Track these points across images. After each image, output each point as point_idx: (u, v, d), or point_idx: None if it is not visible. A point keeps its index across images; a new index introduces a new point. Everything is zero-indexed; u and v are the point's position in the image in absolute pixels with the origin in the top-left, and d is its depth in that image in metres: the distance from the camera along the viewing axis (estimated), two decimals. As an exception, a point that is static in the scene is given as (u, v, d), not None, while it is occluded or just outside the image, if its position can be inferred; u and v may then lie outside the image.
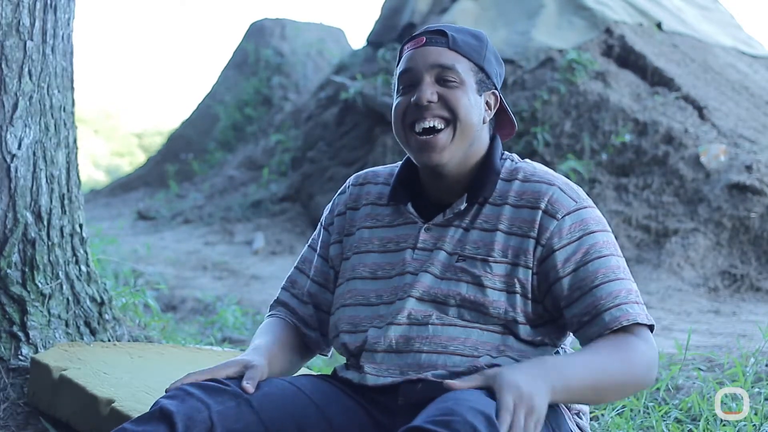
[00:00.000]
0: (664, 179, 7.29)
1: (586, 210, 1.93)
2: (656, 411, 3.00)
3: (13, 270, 2.91)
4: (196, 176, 11.94)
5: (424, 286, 1.94)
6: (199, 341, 4.33)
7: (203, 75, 36.25)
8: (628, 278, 1.90)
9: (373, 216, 2.07)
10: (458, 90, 1.93)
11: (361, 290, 2.03)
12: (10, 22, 2.87)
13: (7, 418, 2.74)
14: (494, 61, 2.02)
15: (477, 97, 1.96)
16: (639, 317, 1.85)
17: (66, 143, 3.07)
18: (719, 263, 6.53)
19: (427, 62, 1.94)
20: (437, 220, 1.97)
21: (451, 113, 1.93)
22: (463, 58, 1.95)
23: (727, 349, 3.91)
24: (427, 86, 1.93)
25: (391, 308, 1.96)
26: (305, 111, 11.07)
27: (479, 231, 1.94)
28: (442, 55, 1.95)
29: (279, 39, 13.75)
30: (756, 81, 9.03)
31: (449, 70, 1.94)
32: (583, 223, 1.91)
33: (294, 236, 8.63)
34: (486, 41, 2.01)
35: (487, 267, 1.91)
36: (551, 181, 1.94)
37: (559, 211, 1.90)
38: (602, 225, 1.93)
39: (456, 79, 1.94)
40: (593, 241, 1.89)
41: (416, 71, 1.95)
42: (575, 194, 1.94)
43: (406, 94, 1.97)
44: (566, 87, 8.09)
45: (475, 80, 1.96)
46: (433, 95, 1.92)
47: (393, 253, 2.01)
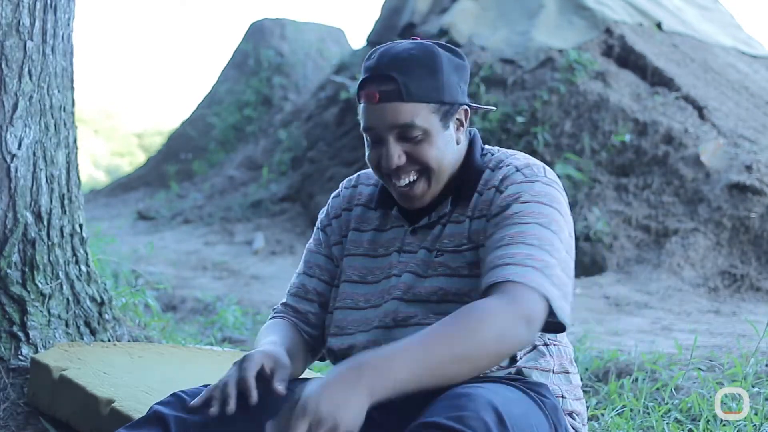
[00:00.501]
0: (664, 179, 7.29)
1: (532, 184, 1.88)
2: (656, 411, 3.00)
3: (13, 270, 2.91)
4: (196, 176, 11.94)
5: (407, 286, 1.95)
6: (199, 341, 4.33)
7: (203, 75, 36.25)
8: (539, 246, 1.80)
9: (363, 219, 2.09)
10: (424, 143, 1.90)
11: (350, 293, 2.04)
12: (10, 22, 2.87)
13: (7, 418, 2.74)
14: (454, 78, 1.93)
15: (446, 133, 1.93)
16: (516, 276, 1.75)
17: (66, 143, 3.07)
18: (719, 263, 6.53)
19: (385, 123, 1.88)
20: (422, 222, 1.99)
21: (422, 166, 1.91)
22: (421, 104, 1.88)
23: (727, 349, 3.91)
24: (393, 149, 1.89)
25: (377, 311, 1.97)
26: (305, 111, 11.07)
27: (454, 224, 1.95)
28: (398, 113, 1.88)
29: (279, 39, 13.75)
30: (756, 81, 9.04)
31: (409, 127, 1.88)
32: (520, 193, 1.87)
33: (294, 236, 8.63)
34: (439, 63, 1.90)
35: (461, 257, 1.91)
36: (510, 162, 1.94)
37: (504, 184, 1.90)
38: (542, 198, 1.86)
39: (418, 133, 1.89)
40: (519, 209, 1.85)
41: (378, 131, 1.90)
42: (529, 171, 1.91)
43: (374, 147, 1.94)
44: (566, 87, 8.09)
45: (439, 119, 1.91)
46: (400, 158, 1.90)
47: (382, 258, 2.03)
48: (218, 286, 6.82)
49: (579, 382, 2.04)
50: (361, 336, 1.98)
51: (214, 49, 36.47)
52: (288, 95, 12.95)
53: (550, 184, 1.91)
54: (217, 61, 30.07)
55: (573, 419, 2.00)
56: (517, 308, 1.73)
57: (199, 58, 33.81)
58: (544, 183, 1.90)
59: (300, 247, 8.18)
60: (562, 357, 1.99)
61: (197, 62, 32.70)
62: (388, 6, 10.67)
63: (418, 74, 1.89)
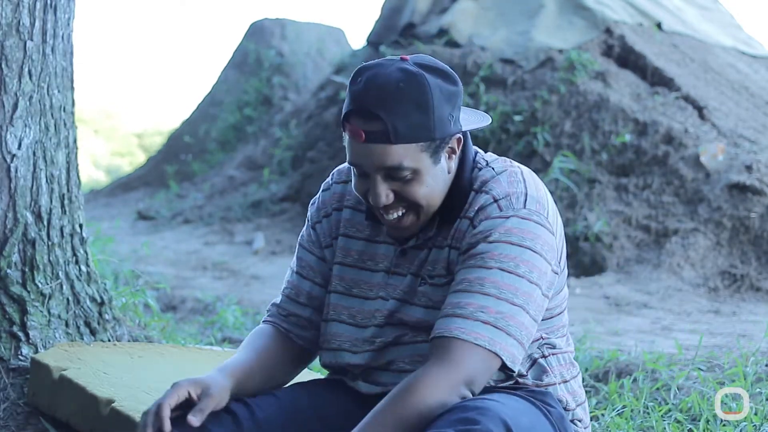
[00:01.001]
0: (664, 179, 7.29)
1: (506, 220, 1.81)
2: (656, 411, 3.00)
3: (13, 270, 2.91)
4: (196, 176, 11.93)
5: (394, 312, 1.92)
6: (199, 341, 4.33)
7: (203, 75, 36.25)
8: (496, 296, 1.77)
9: (353, 223, 2.02)
10: (413, 182, 1.82)
11: (335, 305, 2.01)
12: (10, 22, 2.87)
13: (7, 418, 2.74)
14: (446, 110, 1.82)
15: (437, 167, 1.85)
16: (462, 333, 1.74)
17: (66, 143, 3.07)
18: (719, 263, 6.53)
19: (372, 164, 1.81)
20: (411, 243, 1.93)
21: (411, 204, 1.85)
22: (410, 145, 1.79)
23: (727, 349, 3.91)
24: (380, 187, 1.82)
25: (364, 333, 1.95)
26: (305, 111, 11.07)
27: (437, 249, 1.91)
28: (386, 156, 1.79)
29: (279, 39, 13.75)
30: (756, 81, 9.03)
31: (398, 169, 1.80)
32: (489, 232, 1.81)
33: (294, 236, 8.62)
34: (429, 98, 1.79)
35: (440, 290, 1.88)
36: (489, 190, 1.85)
37: (478, 218, 1.84)
38: (512, 237, 1.79)
39: (407, 173, 1.81)
40: (486, 249, 1.79)
41: (364, 168, 1.84)
42: (506, 203, 1.83)
43: (360, 179, 1.87)
44: (566, 87, 8.09)
45: (429, 155, 1.82)
46: (388, 197, 1.83)
47: (370, 272, 1.98)
48: (218, 286, 6.82)
49: (579, 386, 2.03)
50: (349, 356, 1.97)
51: (214, 49, 36.46)
52: (288, 95, 12.94)
53: (529, 216, 1.82)
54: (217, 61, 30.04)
55: (576, 425, 2.00)
56: (458, 373, 1.73)
57: (199, 58, 33.80)
58: (520, 217, 1.81)
59: (300, 247, 8.17)
60: (561, 366, 1.97)
61: (197, 62, 32.67)
62: (388, 6, 10.66)
63: (407, 113, 1.78)
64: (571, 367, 2.00)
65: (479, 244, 1.81)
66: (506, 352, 1.77)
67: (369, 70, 1.83)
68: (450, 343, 1.76)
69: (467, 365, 1.74)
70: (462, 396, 1.74)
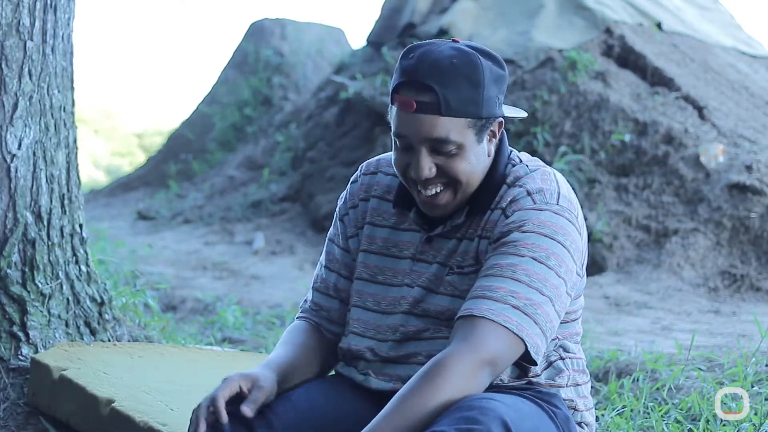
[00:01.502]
0: (664, 179, 7.29)
1: (539, 212, 1.83)
2: (656, 411, 3.00)
3: (13, 270, 2.91)
4: (196, 176, 11.93)
5: (416, 300, 1.93)
6: (199, 341, 4.33)
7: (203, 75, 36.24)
8: (528, 284, 1.78)
9: (379, 212, 2.04)
10: (456, 158, 1.84)
11: (360, 291, 2.02)
12: (10, 22, 2.87)
13: (7, 418, 2.74)
14: (494, 90, 1.86)
15: (479, 147, 1.87)
16: (490, 314, 1.75)
17: (66, 143, 3.07)
18: (719, 263, 6.53)
19: (420, 134, 1.83)
20: (437, 231, 1.94)
21: (452, 179, 1.86)
22: (458, 119, 1.82)
23: (727, 349, 3.91)
24: (424, 161, 1.84)
25: (389, 321, 1.96)
26: (305, 111, 11.07)
27: (467, 241, 1.92)
28: (435, 127, 1.82)
29: (279, 39, 13.75)
30: (756, 81, 9.03)
31: (444, 142, 1.83)
32: (523, 222, 1.82)
33: (294, 236, 8.63)
34: (481, 76, 1.83)
35: (467, 279, 1.89)
36: (523, 183, 1.87)
37: (511, 208, 1.85)
38: (545, 229, 1.81)
39: (452, 148, 1.84)
40: (518, 238, 1.81)
41: (410, 140, 1.85)
42: (540, 197, 1.85)
43: (403, 153, 1.88)
44: (566, 87, 8.09)
45: (474, 132, 1.85)
46: (431, 170, 1.85)
47: (395, 259, 1.99)
48: (218, 286, 6.82)
49: (588, 393, 2.03)
50: (372, 343, 1.97)
51: (214, 49, 36.45)
52: (288, 95, 12.94)
53: (561, 212, 1.84)
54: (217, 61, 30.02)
55: (582, 429, 2.00)
56: (481, 354, 1.74)
57: (199, 58, 33.78)
58: (553, 212, 1.83)
59: (300, 247, 8.18)
60: (575, 371, 1.97)
61: (197, 62, 32.65)
62: (388, 6, 10.66)
63: (459, 87, 1.81)
64: (582, 374, 2.00)
65: (512, 233, 1.82)
66: (531, 339, 1.78)
67: (422, 47, 1.86)
68: (478, 322, 1.76)
69: (493, 345, 1.75)
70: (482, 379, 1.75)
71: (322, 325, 2.09)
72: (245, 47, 13.73)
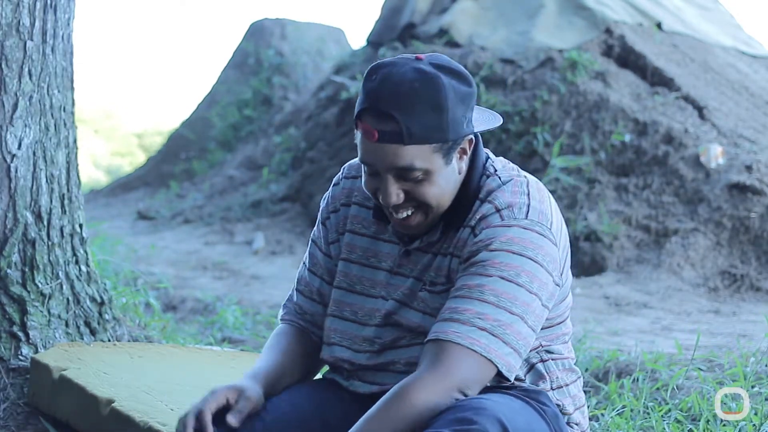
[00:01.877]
0: (664, 179, 7.29)
1: (508, 228, 1.80)
2: (656, 411, 3.00)
3: (13, 270, 2.91)
4: (196, 176, 11.93)
5: (392, 313, 1.93)
6: (199, 341, 4.32)
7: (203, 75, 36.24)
8: (496, 304, 1.76)
9: (359, 220, 2.03)
10: (424, 182, 1.82)
11: (337, 301, 2.02)
12: (10, 22, 2.87)
13: (7, 418, 2.74)
14: (459, 111, 1.81)
15: (448, 168, 1.84)
16: (457, 337, 1.74)
17: (66, 143, 3.07)
18: (719, 263, 6.53)
19: (384, 163, 1.80)
20: (415, 245, 1.93)
21: (421, 203, 1.85)
22: (423, 146, 1.79)
23: (727, 349, 3.91)
24: (391, 187, 1.82)
25: (364, 332, 1.96)
26: (305, 111, 11.07)
27: (441, 257, 1.91)
28: (398, 157, 1.78)
29: (279, 39, 13.75)
30: (756, 81, 9.03)
31: (409, 170, 1.80)
32: (490, 240, 1.80)
33: (294, 236, 8.63)
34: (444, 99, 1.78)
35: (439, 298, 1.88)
36: (493, 199, 1.84)
37: (479, 226, 1.83)
38: (514, 246, 1.79)
39: (419, 174, 1.81)
40: (486, 258, 1.79)
41: (376, 167, 1.83)
42: (508, 213, 1.82)
43: (371, 177, 1.86)
44: (566, 87, 8.09)
45: (441, 156, 1.81)
46: (399, 197, 1.83)
47: (373, 270, 1.98)
48: (218, 286, 6.82)
49: (579, 390, 2.02)
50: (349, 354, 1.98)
51: (214, 49, 36.44)
52: (288, 95, 12.94)
53: (530, 227, 1.81)
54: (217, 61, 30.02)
55: (572, 429, 2.00)
56: (452, 380, 1.74)
57: (199, 58, 33.78)
58: (522, 227, 1.81)
59: (300, 247, 8.17)
60: (560, 371, 1.96)
61: (197, 62, 32.65)
62: (388, 6, 10.66)
63: (422, 114, 1.77)
64: (570, 372, 1.99)
65: (480, 252, 1.80)
66: (502, 360, 1.77)
67: (384, 68, 1.82)
68: (445, 346, 1.75)
69: (461, 370, 1.74)
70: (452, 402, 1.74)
71: (308, 328, 2.09)
72: (245, 47, 13.73)
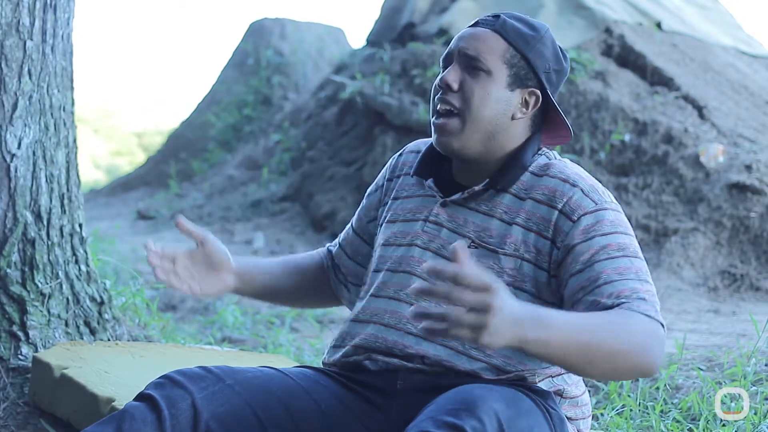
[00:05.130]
0: (664, 179, 7.29)
1: (605, 212, 1.85)
2: (656, 411, 3.00)
3: (13, 269, 2.91)
4: (196, 176, 11.93)
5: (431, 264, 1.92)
6: (198, 341, 4.33)
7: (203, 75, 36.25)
8: (638, 279, 1.79)
9: (403, 186, 2.08)
10: (480, 82, 1.90)
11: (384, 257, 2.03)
12: (9, 22, 2.87)
13: (7, 418, 2.74)
14: (550, 56, 1.94)
15: (505, 92, 1.91)
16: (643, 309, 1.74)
17: (66, 143, 3.07)
18: (719, 263, 6.53)
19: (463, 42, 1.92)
20: (455, 197, 1.95)
21: (465, 103, 1.90)
22: (503, 43, 1.90)
23: (726, 349, 3.91)
24: (454, 71, 1.91)
25: (395, 278, 1.96)
26: (305, 111, 11.07)
27: (498, 221, 1.90)
28: (478, 40, 1.91)
29: (279, 39, 13.75)
30: (756, 81, 9.04)
31: (476, 60, 1.89)
32: (597, 224, 1.83)
33: (294, 236, 8.63)
34: (544, 34, 1.94)
35: (496, 259, 1.87)
36: (575, 182, 1.87)
37: (576, 212, 1.84)
38: (619, 227, 1.85)
39: (482, 68, 1.90)
40: (605, 242, 1.81)
41: (452, 53, 1.94)
42: (597, 196, 1.87)
43: (443, 71, 1.96)
44: (566, 86, 8.09)
45: (508, 73, 1.91)
46: (455, 81, 1.91)
47: (407, 223, 2.01)
48: (218, 286, 6.80)
49: (587, 401, 2.01)
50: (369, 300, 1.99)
51: (214, 49, 36.47)
52: (288, 95, 12.94)
53: (618, 209, 1.89)
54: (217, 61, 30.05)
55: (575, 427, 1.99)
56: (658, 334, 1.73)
57: (199, 58, 33.79)
58: (613, 210, 1.87)
59: (300, 247, 8.17)
60: (569, 384, 1.96)
61: (197, 62, 32.68)
62: (388, 5, 10.66)
63: (521, 25, 1.93)
64: (579, 383, 1.99)
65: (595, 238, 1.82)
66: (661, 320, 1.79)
67: None
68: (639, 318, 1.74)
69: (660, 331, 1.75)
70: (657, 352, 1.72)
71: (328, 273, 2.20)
72: (245, 47, 13.73)
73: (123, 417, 1.78)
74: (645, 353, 1.68)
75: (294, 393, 1.90)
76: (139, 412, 1.78)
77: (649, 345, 1.69)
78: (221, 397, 1.83)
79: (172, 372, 1.86)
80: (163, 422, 1.77)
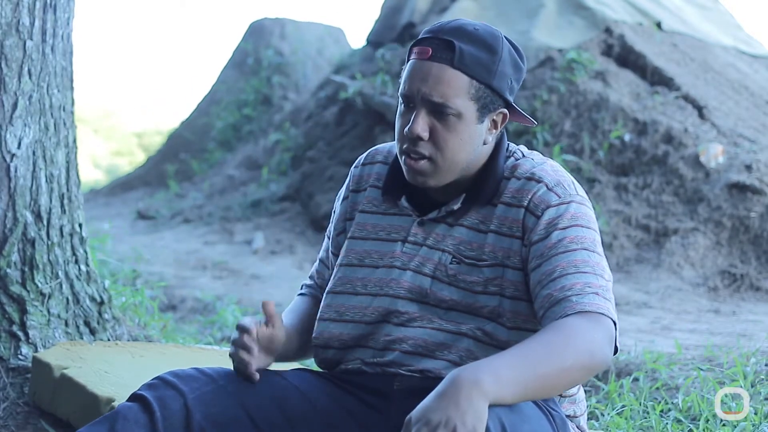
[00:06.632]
0: (664, 179, 7.29)
1: (569, 205, 1.84)
2: (656, 411, 3.00)
3: (13, 269, 2.91)
4: (196, 176, 11.93)
5: (412, 286, 1.90)
6: (198, 341, 4.33)
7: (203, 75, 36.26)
8: (593, 273, 1.79)
9: (370, 200, 2.03)
10: (450, 128, 1.84)
11: (349, 278, 1.99)
12: (9, 22, 2.87)
13: (7, 418, 2.74)
14: (509, 70, 1.88)
15: (476, 127, 1.87)
16: (586, 306, 1.74)
17: (66, 143, 3.07)
18: (719, 263, 6.53)
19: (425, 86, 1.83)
20: (431, 215, 1.93)
21: (438, 152, 1.85)
22: (466, 79, 1.83)
23: (727, 349, 3.91)
24: (421, 119, 1.84)
25: (375, 302, 1.93)
26: (305, 111, 11.07)
27: (474, 232, 1.90)
28: (441, 81, 1.82)
29: (279, 39, 13.75)
30: (756, 81, 9.04)
31: (443, 106, 1.83)
32: (558, 218, 1.82)
33: (294, 236, 8.63)
34: (501, 51, 1.87)
35: (479, 272, 1.87)
36: (540, 178, 1.87)
37: (539, 207, 1.84)
38: (580, 220, 1.84)
39: (450, 113, 1.84)
40: (562, 236, 1.81)
41: (413, 97, 1.85)
42: (561, 190, 1.85)
43: (406, 111, 1.89)
44: (566, 86, 8.09)
45: (476, 108, 1.86)
46: (424, 130, 1.85)
47: (383, 242, 1.97)
48: (218, 286, 6.82)
49: (583, 397, 2.01)
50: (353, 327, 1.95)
51: (214, 49, 36.46)
52: (288, 95, 12.94)
53: (583, 202, 1.87)
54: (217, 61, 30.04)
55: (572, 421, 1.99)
56: (601, 328, 1.72)
57: (199, 58, 33.78)
58: (577, 203, 1.86)
59: (300, 247, 8.17)
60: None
61: (197, 62, 32.65)
62: (388, 5, 10.66)
63: (477, 48, 1.85)
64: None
65: (553, 233, 1.82)
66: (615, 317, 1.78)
67: None
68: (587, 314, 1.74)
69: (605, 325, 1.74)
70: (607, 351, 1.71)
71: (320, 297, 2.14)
72: (245, 47, 13.73)
73: (116, 417, 1.78)
74: (591, 356, 1.69)
75: (289, 394, 1.90)
76: (132, 412, 1.79)
77: (592, 347, 1.70)
78: (214, 398, 1.83)
79: (166, 373, 1.86)
80: (156, 423, 1.77)
